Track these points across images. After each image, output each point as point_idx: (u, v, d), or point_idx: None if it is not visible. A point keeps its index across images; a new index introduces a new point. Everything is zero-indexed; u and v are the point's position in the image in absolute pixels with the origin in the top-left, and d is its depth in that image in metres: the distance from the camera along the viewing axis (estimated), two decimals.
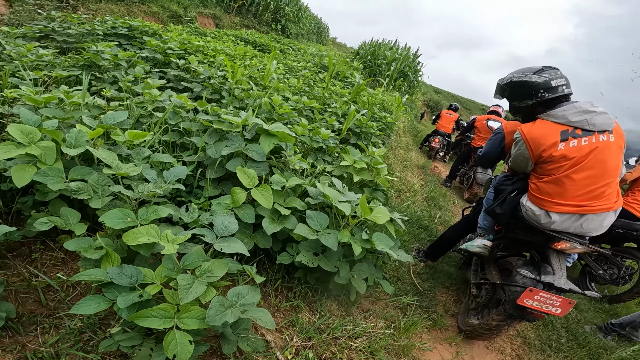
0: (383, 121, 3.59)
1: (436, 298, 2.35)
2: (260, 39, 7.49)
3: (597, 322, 2.76)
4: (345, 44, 30.26)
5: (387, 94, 6.55)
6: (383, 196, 1.98)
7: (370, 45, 10.60)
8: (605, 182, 1.59)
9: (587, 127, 1.56)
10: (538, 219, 1.66)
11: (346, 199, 1.40)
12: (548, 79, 1.67)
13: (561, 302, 1.55)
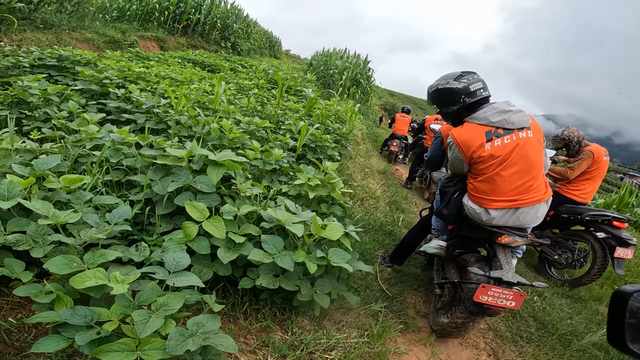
0: (337, 132, 3.72)
1: (406, 301, 2.42)
2: (209, 59, 7.46)
3: (566, 308, 2.90)
4: (299, 56, 30.81)
5: (341, 103, 6.79)
6: (340, 209, 2.06)
7: (322, 56, 10.93)
8: (531, 176, 1.75)
9: (507, 125, 1.72)
10: (479, 216, 1.81)
11: (300, 219, 1.46)
12: (467, 84, 1.81)
13: (513, 296, 1.64)
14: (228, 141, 2.19)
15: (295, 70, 11.32)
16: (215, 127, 2.19)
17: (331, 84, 8.56)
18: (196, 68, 6.10)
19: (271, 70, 7.78)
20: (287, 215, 1.43)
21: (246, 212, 1.43)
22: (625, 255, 2.96)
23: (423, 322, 2.27)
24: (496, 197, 1.76)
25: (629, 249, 2.95)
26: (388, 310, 2.24)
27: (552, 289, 3.14)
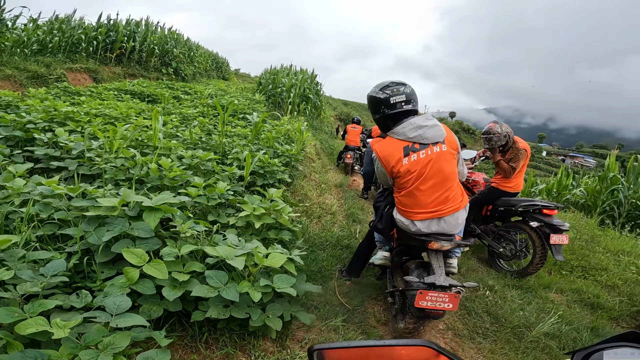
0: (286, 154, 3.83)
1: (367, 311, 2.50)
2: (149, 89, 7.29)
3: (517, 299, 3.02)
4: (249, 74, 30.87)
5: (292, 121, 6.96)
6: (289, 234, 2.16)
7: (270, 73, 11.09)
8: (447, 187, 1.93)
9: (422, 140, 1.88)
10: (408, 228, 1.99)
11: (243, 251, 1.54)
12: (388, 95, 1.93)
13: (449, 298, 1.75)
14: (169, 180, 2.21)
15: (244, 90, 11.39)
16: (154, 167, 2.20)
17: (280, 102, 8.74)
18: (135, 100, 5.95)
19: (218, 95, 7.79)
20: (228, 250, 1.50)
21: (187, 251, 1.48)
22: (561, 241, 3.11)
23: (384, 329, 2.36)
24: (419, 209, 1.94)
25: (563, 235, 3.11)
26: (349, 322, 2.32)
27: (503, 281, 3.29)
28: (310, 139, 7.11)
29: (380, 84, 2.01)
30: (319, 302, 2.47)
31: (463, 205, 1.99)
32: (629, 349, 0.61)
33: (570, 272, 3.77)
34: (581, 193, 6.51)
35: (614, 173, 6.00)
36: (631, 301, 3.28)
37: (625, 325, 3.01)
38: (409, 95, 1.95)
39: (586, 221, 5.30)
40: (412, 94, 1.97)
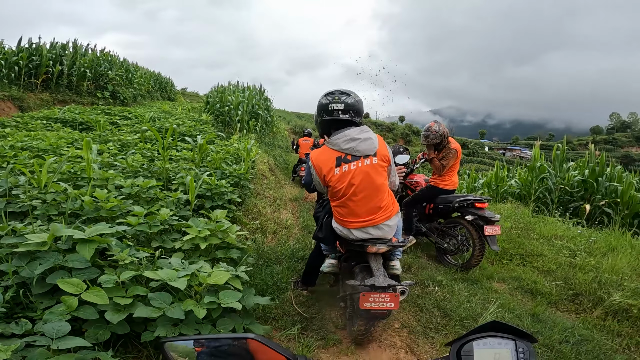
0: (234, 174, 3.90)
1: (324, 318, 2.61)
2: (82, 115, 6.92)
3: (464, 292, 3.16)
4: (197, 93, 30.17)
5: (243, 139, 7.01)
6: (238, 252, 2.24)
7: (217, 92, 11.02)
8: (378, 198, 2.10)
9: (354, 153, 2.04)
10: (346, 235, 2.16)
11: (186, 272, 1.62)
12: (329, 102, 2.08)
13: (390, 298, 1.87)
14: (106, 212, 2.19)
15: (192, 111, 11.18)
16: (88, 200, 2.18)
17: (229, 121, 8.74)
18: (66, 129, 5.65)
19: (161, 118, 7.62)
20: (170, 273, 1.57)
21: (127, 277, 1.52)
22: (494, 231, 3.35)
23: (343, 334, 2.46)
24: (353, 218, 2.12)
25: (495, 226, 3.37)
26: (308, 330, 2.43)
27: (450, 276, 3.49)
28: (261, 156, 7.19)
29: (328, 91, 2.17)
30: (276, 314, 2.55)
31: (394, 213, 2.19)
32: (496, 338, 0.67)
33: (510, 261, 4.04)
34: (516, 183, 7.23)
35: (540, 162, 6.77)
36: (567, 284, 3.52)
37: (564, 309, 3.21)
38: (349, 105, 2.08)
39: (522, 210, 5.82)
40: (353, 105, 2.09)
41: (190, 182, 2.62)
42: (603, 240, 4.51)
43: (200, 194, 3.17)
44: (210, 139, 5.75)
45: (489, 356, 0.65)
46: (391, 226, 2.18)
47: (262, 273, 3.05)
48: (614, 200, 5.95)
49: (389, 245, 2.15)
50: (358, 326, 2.14)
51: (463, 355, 0.65)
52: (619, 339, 2.74)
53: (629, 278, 3.44)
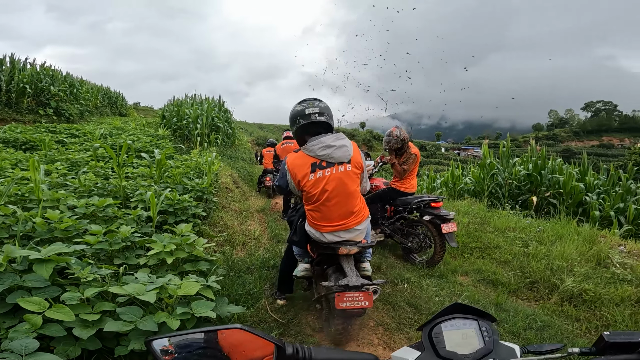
0: (197, 189, 3.85)
1: (302, 322, 2.66)
2: (24, 135, 6.44)
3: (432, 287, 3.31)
4: (152, 107, 29.05)
5: (204, 153, 6.89)
6: (207, 264, 2.23)
7: (174, 105, 10.74)
8: (351, 203, 2.20)
9: (329, 159, 2.13)
10: (318, 238, 2.25)
11: (154, 286, 1.61)
12: (304, 107, 2.19)
13: (364, 296, 1.95)
14: (61, 232, 2.10)
15: (147, 126, 10.78)
16: (40, 221, 2.08)
17: (188, 135, 8.53)
18: (8, 149, 5.24)
19: (113, 135, 7.29)
20: (137, 287, 1.55)
21: (92, 294, 1.50)
22: (450, 229, 3.51)
23: (321, 336, 2.51)
24: (326, 222, 2.21)
25: (451, 223, 3.53)
26: (286, 335, 2.47)
27: (418, 273, 3.64)
28: (224, 169, 7.10)
29: (301, 99, 2.29)
30: (252, 322, 2.59)
31: (365, 217, 2.32)
32: (460, 319, 0.73)
33: (470, 254, 4.27)
34: (470, 181, 7.74)
35: (490, 160, 7.32)
36: (523, 273, 3.71)
37: (524, 297, 3.39)
38: (323, 109, 2.21)
39: (477, 205, 6.21)
40: (326, 109, 2.22)
41: (151, 198, 2.57)
42: (551, 229, 4.76)
43: (162, 210, 3.12)
44: (169, 154, 5.61)
45: (457, 336, 0.70)
46: (361, 230, 2.30)
47: (233, 284, 3.07)
48: (557, 191, 6.52)
49: (359, 246, 2.25)
50: (335, 326, 2.20)
51: (434, 337, 0.71)
52: (578, 323, 2.89)
53: (578, 263, 3.68)
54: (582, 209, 6.42)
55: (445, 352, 0.69)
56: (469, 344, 0.69)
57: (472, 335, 0.70)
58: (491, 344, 0.69)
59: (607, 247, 4.02)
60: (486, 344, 0.69)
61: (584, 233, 4.49)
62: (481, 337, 0.70)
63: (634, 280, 3.29)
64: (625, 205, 6.27)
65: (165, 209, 3.12)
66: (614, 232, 5.25)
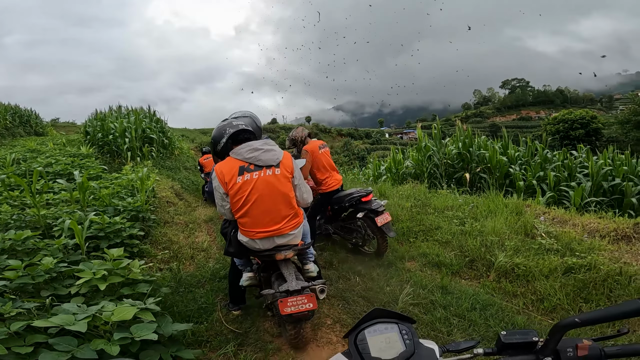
0: (130, 208, 3.66)
1: (259, 330, 2.65)
2: None
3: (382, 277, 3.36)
4: (74, 122, 26.43)
5: (137, 168, 6.49)
6: (147, 285, 2.17)
7: (97, 119, 9.93)
8: (282, 207, 2.21)
9: (257, 162, 2.16)
10: (252, 246, 2.25)
11: (85, 315, 1.55)
12: (230, 121, 2.24)
13: (306, 299, 1.99)
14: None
15: (69, 144, 9.82)
16: None
17: (117, 150, 7.95)
18: None
19: (27, 158, 6.56)
20: (66, 318, 1.51)
21: (18, 328, 1.46)
22: (385, 220, 3.53)
23: (280, 341, 2.51)
24: (258, 229, 2.21)
25: (384, 214, 3.56)
26: (245, 344, 2.46)
27: (369, 264, 3.70)
28: (163, 182, 6.78)
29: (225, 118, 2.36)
30: (209, 336, 2.56)
31: (300, 222, 2.35)
32: (382, 324, 0.76)
33: (416, 238, 4.38)
34: (411, 164, 8.23)
35: (425, 142, 7.85)
36: (462, 252, 3.81)
37: (466, 276, 3.50)
38: (249, 123, 2.29)
39: (418, 188, 6.43)
40: (252, 124, 2.30)
41: (73, 225, 2.42)
42: (483, 203, 4.94)
43: (92, 235, 2.95)
44: (95, 174, 5.22)
45: (381, 341, 0.73)
46: (295, 234, 2.32)
47: (183, 300, 3.01)
48: (486, 166, 7.14)
49: (295, 250, 2.30)
50: (288, 332, 2.24)
51: (359, 344, 0.73)
52: (515, 299, 3.00)
53: (508, 237, 3.84)
54: (509, 181, 7.01)
55: (370, 359, 0.71)
56: (391, 347, 0.72)
57: (394, 339, 0.73)
58: (412, 347, 0.72)
59: (532, 217, 4.29)
60: (407, 347, 0.72)
61: (511, 205, 4.69)
62: (402, 341, 0.73)
63: (559, 250, 3.47)
64: (544, 173, 6.93)
65: (95, 234, 2.95)
66: (539, 201, 5.72)
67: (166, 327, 1.77)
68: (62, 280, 2.21)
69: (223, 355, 2.32)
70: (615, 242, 3.69)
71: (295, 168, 2.34)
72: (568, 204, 6.06)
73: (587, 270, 3.03)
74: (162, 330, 1.73)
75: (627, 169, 6.75)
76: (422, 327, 2.58)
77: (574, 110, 37.27)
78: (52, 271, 2.10)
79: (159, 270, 3.47)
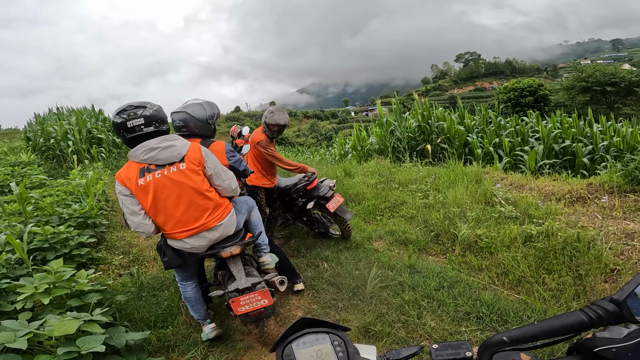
0: (77, 215, 3.40)
1: (229, 329, 2.58)
2: None
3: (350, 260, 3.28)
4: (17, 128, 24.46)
5: (86, 171, 6.04)
6: (98, 295, 2.03)
7: (37, 124, 9.14)
8: (200, 202, 2.07)
9: (156, 162, 1.98)
10: (184, 247, 2.10)
11: (25, 331, 1.44)
12: (125, 120, 1.94)
13: (260, 295, 1.90)
14: None
15: (9, 153, 8.98)
16: None
17: (61, 154, 7.36)
18: None
19: None
20: (6, 335, 1.41)
21: None
22: (337, 202, 3.37)
23: (251, 338, 2.42)
24: (180, 228, 2.06)
25: (334, 198, 3.38)
26: (215, 346, 2.37)
27: (336, 248, 3.58)
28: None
29: (119, 108, 2.02)
30: (176, 340, 2.45)
31: (227, 211, 2.19)
32: (312, 335, 0.68)
33: (382, 216, 4.30)
34: (374, 140, 8.31)
35: (386, 117, 7.93)
36: (427, 227, 3.74)
37: (433, 252, 3.41)
38: (149, 117, 1.98)
39: (383, 163, 6.50)
40: (154, 116, 2.01)
41: (10, 240, 2.21)
42: (444, 174, 4.92)
43: (36, 247, 2.72)
44: (37, 182, 4.81)
45: (311, 354, 0.65)
46: (226, 224, 2.18)
47: (146, 304, 2.86)
48: (446, 137, 7.37)
49: (240, 244, 2.17)
50: (252, 330, 2.15)
51: (285, 359, 0.65)
52: (480, 274, 2.96)
53: (469, 207, 3.83)
54: (468, 149, 7.29)
55: None
56: None
57: (326, 352, 0.65)
58: (345, 359, 0.65)
59: (491, 184, 4.34)
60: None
61: (470, 173, 4.70)
62: (334, 353, 0.65)
63: (518, 217, 3.47)
64: (500, 140, 7.28)
65: (40, 245, 2.72)
66: (496, 167, 5.97)
67: (119, 338, 1.68)
68: (6, 296, 2.07)
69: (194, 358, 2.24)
70: (570, 204, 3.79)
71: (205, 158, 2.14)
72: (524, 168, 6.41)
73: (546, 238, 3.05)
74: (114, 341, 1.63)
75: (576, 131, 7.19)
76: (392, 312, 2.56)
77: (522, 80, 39.41)
78: None
79: (118, 276, 3.28)
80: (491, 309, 2.46)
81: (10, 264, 2.49)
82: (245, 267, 2.22)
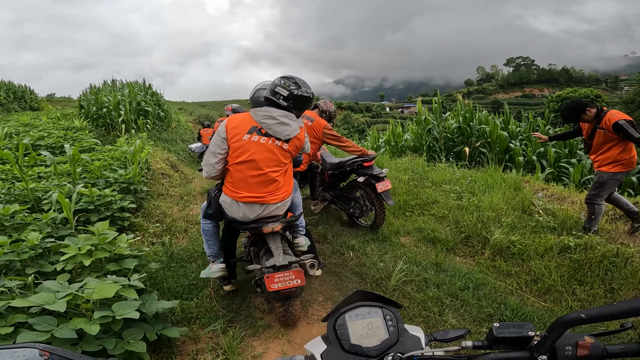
0: (121, 180, 3.57)
1: (250, 306, 2.59)
2: None
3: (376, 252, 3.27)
4: (70, 97, 26.24)
5: (132, 139, 6.36)
6: (134, 260, 2.11)
7: (92, 94, 9.70)
8: (274, 179, 2.14)
9: (268, 130, 2.11)
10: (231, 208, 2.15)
11: (65, 293, 1.51)
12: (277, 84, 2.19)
13: (294, 275, 1.90)
14: None
15: (62, 118, 9.63)
16: None
17: (111, 123, 7.79)
18: None
19: (20, 132, 6.42)
20: (46, 297, 1.46)
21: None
22: (385, 187, 3.42)
23: (270, 318, 2.44)
24: (244, 191, 2.13)
25: (385, 181, 3.45)
26: (235, 322, 2.41)
27: (363, 238, 3.56)
28: (158, 154, 6.66)
29: (287, 75, 2.26)
30: (198, 312, 2.50)
31: (288, 194, 2.28)
32: (365, 307, 0.69)
33: (412, 212, 4.26)
34: (410, 137, 8.09)
35: (425, 116, 7.67)
36: (458, 228, 3.69)
37: (461, 253, 3.38)
38: (292, 96, 2.17)
39: (417, 161, 6.36)
40: (297, 97, 2.18)
41: (60, 199, 2.34)
42: (481, 178, 4.82)
43: (81, 209, 2.88)
44: (88, 146, 5.10)
45: (363, 326, 0.67)
46: (280, 207, 2.24)
47: (174, 275, 2.94)
48: (486, 141, 7.07)
49: (282, 222, 2.20)
50: (277, 309, 2.17)
51: (338, 329, 0.67)
52: (509, 279, 2.92)
53: (505, 213, 3.74)
54: (509, 156, 6.95)
55: (349, 346, 0.65)
56: (374, 334, 0.66)
57: (377, 325, 0.67)
58: (395, 335, 0.66)
59: (531, 193, 4.19)
60: (390, 334, 0.66)
61: (509, 180, 4.57)
62: (386, 327, 0.67)
63: (556, 228, 3.39)
64: (545, 149, 6.85)
65: (85, 207, 2.87)
66: (538, 177, 5.68)
67: (151, 305, 1.73)
68: (48, 256, 2.15)
69: (212, 332, 2.28)
70: (612, 221, 3.65)
71: (305, 145, 2.32)
72: (567, 181, 6.02)
73: (583, 250, 2.95)
74: (147, 309, 1.69)
75: None
76: (414, 306, 2.52)
77: (579, 89, 36.47)
78: (38, 247, 2.04)
79: (151, 244, 3.41)
80: (515, 313, 2.42)
81: (56, 223, 2.59)
82: (282, 245, 2.25)
